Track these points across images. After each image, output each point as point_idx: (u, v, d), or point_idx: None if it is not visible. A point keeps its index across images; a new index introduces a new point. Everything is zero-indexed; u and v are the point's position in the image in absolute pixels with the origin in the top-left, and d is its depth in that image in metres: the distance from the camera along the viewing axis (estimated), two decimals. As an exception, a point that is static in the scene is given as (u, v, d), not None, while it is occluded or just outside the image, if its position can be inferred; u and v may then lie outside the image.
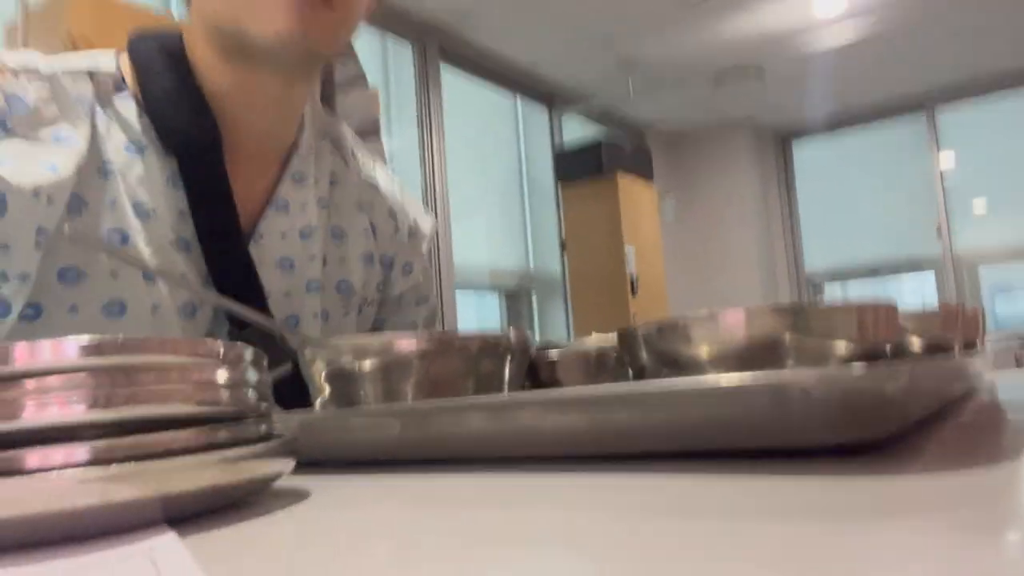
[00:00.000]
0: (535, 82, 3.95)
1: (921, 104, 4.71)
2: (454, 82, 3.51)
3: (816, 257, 5.20)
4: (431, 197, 3.28)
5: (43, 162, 0.55)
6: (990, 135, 4.58)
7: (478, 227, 3.74)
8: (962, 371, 0.37)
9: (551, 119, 4.19)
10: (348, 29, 0.63)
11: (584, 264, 3.88)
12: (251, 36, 0.58)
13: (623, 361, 0.39)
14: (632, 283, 3.73)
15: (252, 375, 0.29)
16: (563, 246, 4.07)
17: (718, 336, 0.33)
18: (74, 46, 1.70)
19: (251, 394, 0.29)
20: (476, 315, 3.96)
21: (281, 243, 0.68)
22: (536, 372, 0.51)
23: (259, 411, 0.30)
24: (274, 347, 0.65)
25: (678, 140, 5.19)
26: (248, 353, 0.29)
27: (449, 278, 3.29)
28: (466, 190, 3.55)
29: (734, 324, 0.32)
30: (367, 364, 0.42)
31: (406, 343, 0.43)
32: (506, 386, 0.45)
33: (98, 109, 0.60)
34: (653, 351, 0.34)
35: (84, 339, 0.24)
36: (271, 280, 0.67)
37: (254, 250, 0.66)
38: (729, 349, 0.32)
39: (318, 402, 0.44)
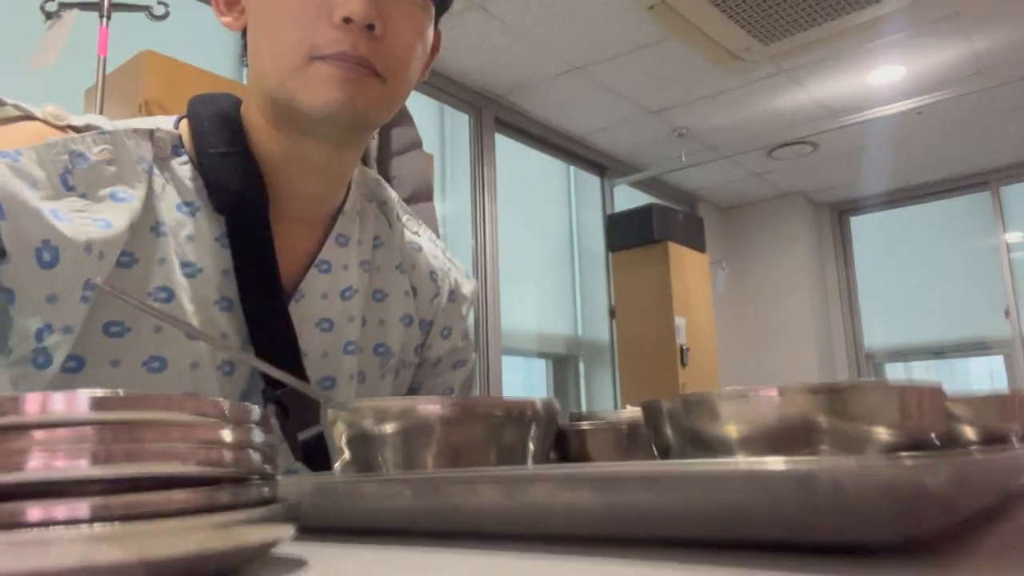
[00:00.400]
0: (588, 151, 4.01)
1: (985, 181, 4.58)
2: (508, 149, 3.59)
3: (876, 335, 5.01)
4: (482, 261, 3.31)
5: (98, 219, 0.57)
6: (1060, 214, 4.42)
7: (528, 292, 3.75)
8: (1020, 464, 0.34)
9: (603, 187, 4.22)
10: (396, 101, 0.65)
11: (633, 333, 3.83)
12: (302, 106, 0.60)
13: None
14: (682, 354, 3.66)
15: (258, 436, 0.29)
16: (612, 313, 4.03)
17: (748, 415, 0.31)
18: (148, 109, 1.80)
19: (255, 456, 0.28)
20: (523, 380, 3.93)
21: (322, 303, 0.69)
22: (565, 444, 0.49)
23: (263, 473, 0.29)
24: (307, 407, 0.65)
25: (731, 211, 5.15)
26: (254, 413, 0.29)
27: (496, 343, 3.29)
28: (517, 255, 3.57)
29: (765, 403, 0.30)
30: (387, 428, 0.41)
31: (428, 408, 0.42)
32: (529, 458, 0.44)
33: (155, 170, 0.63)
34: (679, 428, 0.33)
35: (86, 393, 0.24)
36: (310, 340, 0.68)
37: (294, 310, 0.67)
38: (759, 430, 0.30)
39: (337, 465, 0.43)
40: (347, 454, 0.43)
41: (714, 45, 2.98)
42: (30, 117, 0.60)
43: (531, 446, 0.44)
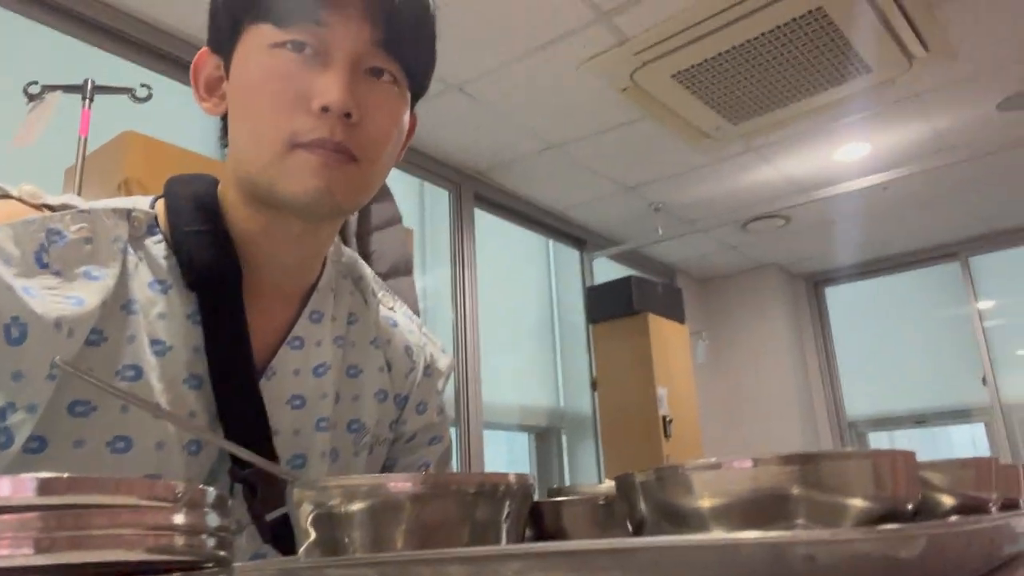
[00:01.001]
0: (567, 225, 4.07)
1: (954, 252, 4.70)
2: (488, 223, 3.63)
3: (858, 404, 5.01)
4: (462, 335, 3.29)
5: (70, 296, 0.56)
6: (1028, 282, 4.53)
7: (509, 365, 3.73)
8: (999, 534, 0.33)
9: (582, 260, 4.27)
10: (373, 185, 0.66)
11: (616, 404, 3.80)
12: (282, 193, 0.61)
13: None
14: (665, 425, 3.62)
15: (213, 520, 0.27)
16: (594, 385, 4.01)
17: (722, 488, 0.30)
18: (127, 188, 1.81)
19: (210, 541, 0.27)
20: (506, 455, 3.86)
21: (294, 380, 0.68)
22: (540, 520, 0.48)
23: (218, 560, 0.27)
24: (276, 487, 0.63)
25: (709, 282, 5.22)
26: (210, 496, 0.28)
27: (478, 417, 3.24)
28: (497, 329, 3.57)
29: (738, 475, 0.30)
30: (354, 507, 0.40)
31: (397, 485, 0.40)
32: (503, 535, 0.42)
33: (130, 248, 0.63)
34: (652, 501, 0.32)
35: (31, 477, 0.23)
36: (281, 417, 0.67)
37: (266, 387, 0.66)
38: (734, 502, 0.30)
39: (302, 549, 0.42)
40: (313, 535, 0.41)
41: (685, 124, 3.08)
42: (6, 196, 0.60)
43: (505, 523, 0.42)
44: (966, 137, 3.39)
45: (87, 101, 1.82)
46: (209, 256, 0.64)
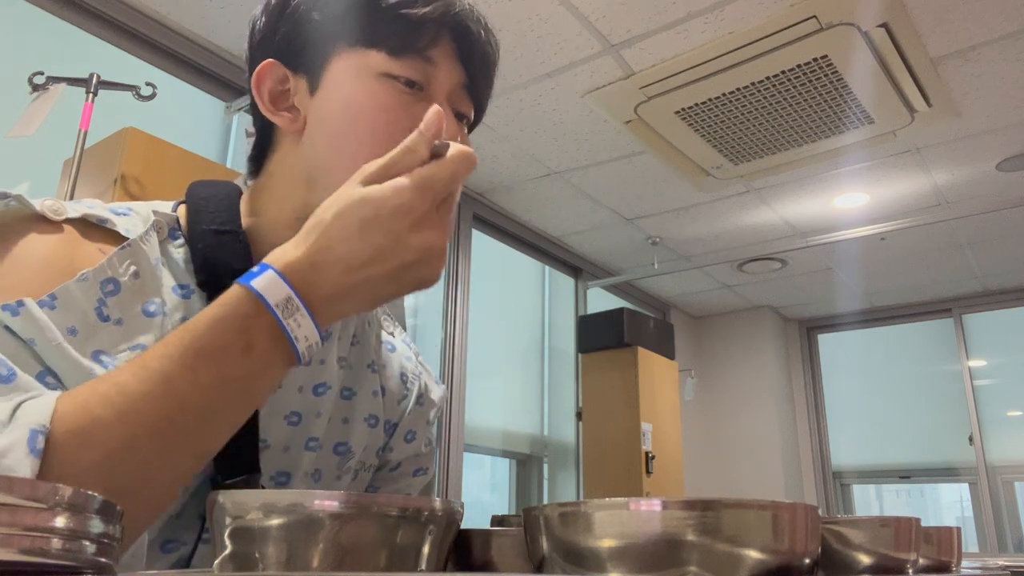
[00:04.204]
0: (563, 252, 4.08)
1: (948, 308, 4.71)
2: (485, 245, 3.64)
3: (843, 454, 4.99)
4: (450, 355, 3.29)
5: (135, 346, 0.56)
6: (1020, 344, 4.52)
7: (494, 389, 3.71)
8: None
9: (577, 288, 4.27)
10: None
11: (599, 436, 3.78)
12: None
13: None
14: (647, 461, 3.60)
15: (96, 526, 0.27)
16: (579, 415, 3.99)
17: (622, 529, 0.30)
18: (123, 184, 1.82)
19: (90, 547, 0.26)
20: (489, 479, 3.83)
21: (296, 396, 0.67)
22: (468, 548, 0.47)
23: (97, 567, 0.27)
24: None
25: (702, 320, 5.22)
26: (94, 502, 0.27)
27: (459, 438, 3.22)
28: (486, 351, 3.56)
29: (637, 517, 0.29)
30: (271, 521, 0.39)
31: (317, 503, 0.40)
32: (422, 562, 0.42)
33: (159, 256, 0.62)
34: (554, 539, 0.31)
35: None
36: (277, 432, 0.66)
37: (269, 400, 0.65)
38: (632, 545, 0.29)
39: (216, 562, 0.41)
40: (228, 548, 0.41)
41: (687, 161, 3.10)
42: (34, 214, 0.58)
43: (426, 549, 0.42)
44: (965, 194, 3.41)
45: (91, 95, 1.83)
46: (226, 257, 0.62)
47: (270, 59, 0.65)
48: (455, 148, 0.52)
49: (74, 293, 0.54)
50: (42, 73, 1.83)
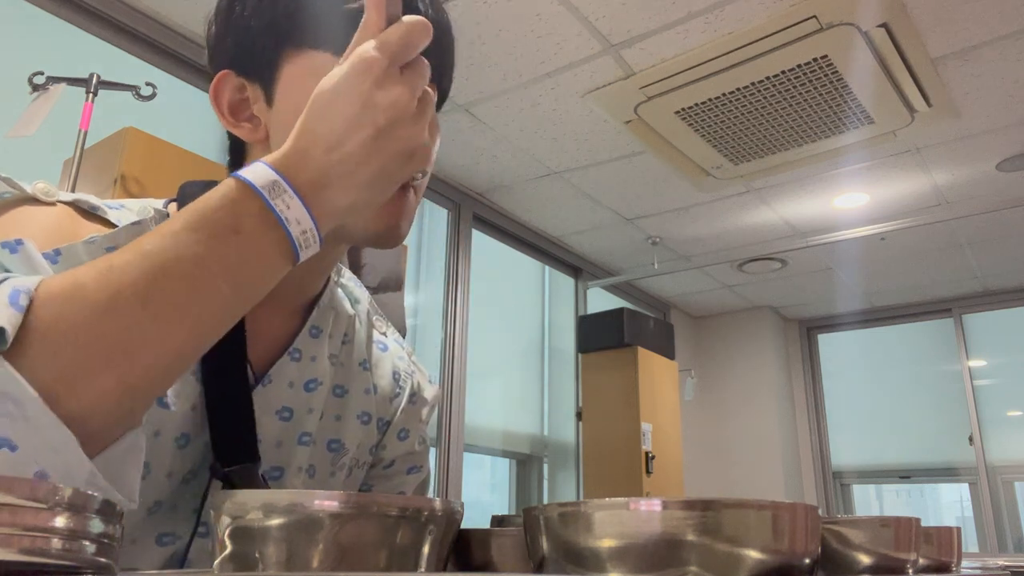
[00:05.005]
0: (563, 252, 4.08)
1: (948, 308, 4.71)
2: (485, 245, 3.64)
3: (843, 454, 4.99)
4: (450, 355, 3.29)
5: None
6: (1020, 344, 4.52)
7: (495, 389, 3.71)
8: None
9: (577, 288, 4.27)
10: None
11: (599, 436, 3.78)
12: (349, 226, 0.60)
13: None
14: (647, 461, 3.60)
15: (96, 526, 0.27)
16: (579, 415, 3.99)
17: (622, 529, 0.30)
18: (123, 183, 1.82)
19: (90, 547, 0.27)
20: (489, 479, 3.83)
21: (287, 392, 0.68)
22: (468, 549, 0.47)
23: (97, 566, 0.27)
24: (257, 487, 0.62)
25: (702, 320, 5.22)
26: (95, 502, 0.27)
27: (459, 438, 3.22)
28: (486, 351, 3.56)
29: (637, 517, 0.29)
30: (271, 522, 0.39)
31: (317, 503, 0.40)
32: (423, 562, 0.42)
33: None
34: (554, 539, 0.31)
35: None
36: (268, 427, 0.66)
37: (259, 394, 0.66)
38: (632, 545, 0.29)
39: (216, 561, 0.41)
40: (229, 548, 0.41)
41: (687, 161, 3.10)
42: (27, 197, 0.59)
43: (426, 549, 0.42)
44: (965, 194, 3.41)
45: (91, 95, 1.83)
46: None
47: (224, 70, 0.64)
48: (410, 16, 0.51)
49: (80, 254, 0.54)
50: (42, 73, 1.82)
